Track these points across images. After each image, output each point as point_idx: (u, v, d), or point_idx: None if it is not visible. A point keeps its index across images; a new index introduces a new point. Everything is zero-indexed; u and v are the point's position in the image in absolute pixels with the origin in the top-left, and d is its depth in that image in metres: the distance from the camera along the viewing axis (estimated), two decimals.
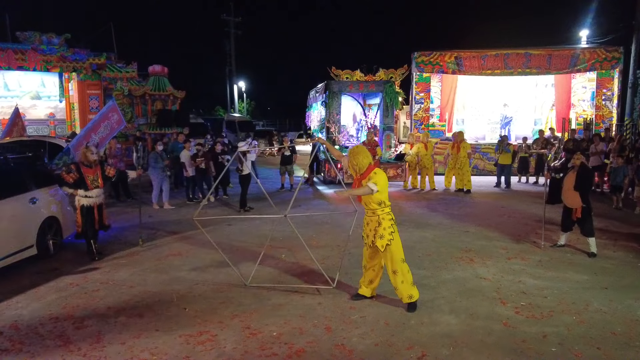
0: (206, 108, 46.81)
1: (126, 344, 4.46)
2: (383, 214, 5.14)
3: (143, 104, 17.81)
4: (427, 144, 13.55)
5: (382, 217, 5.13)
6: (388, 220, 5.14)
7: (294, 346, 4.40)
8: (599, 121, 16.56)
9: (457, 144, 13.26)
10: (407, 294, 5.13)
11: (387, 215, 5.15)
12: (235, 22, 40.20)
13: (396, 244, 5.12)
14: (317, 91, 17.39)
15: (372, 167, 5.20)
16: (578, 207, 7.15)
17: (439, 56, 16.96)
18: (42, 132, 18.91)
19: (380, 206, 5.13)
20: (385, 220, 5.13)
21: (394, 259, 5.11)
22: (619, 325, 4.84)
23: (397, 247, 5.13)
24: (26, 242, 6.69)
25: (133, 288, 5.92)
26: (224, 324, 4.87)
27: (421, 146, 13.48)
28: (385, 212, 5.15)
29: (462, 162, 13.10)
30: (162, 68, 17.90)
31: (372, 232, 5.16)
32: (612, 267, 6.67)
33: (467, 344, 4.44)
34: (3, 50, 17.30)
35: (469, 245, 7.73)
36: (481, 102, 18.42)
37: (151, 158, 11.03)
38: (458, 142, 13.25)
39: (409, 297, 5.14)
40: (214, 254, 7.31)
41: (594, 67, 16.51)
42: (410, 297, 5.14)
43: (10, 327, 4.84)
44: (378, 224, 5.12)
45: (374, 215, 5.16)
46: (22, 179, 7.11)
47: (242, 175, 10.82)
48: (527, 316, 5.03)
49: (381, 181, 5.06)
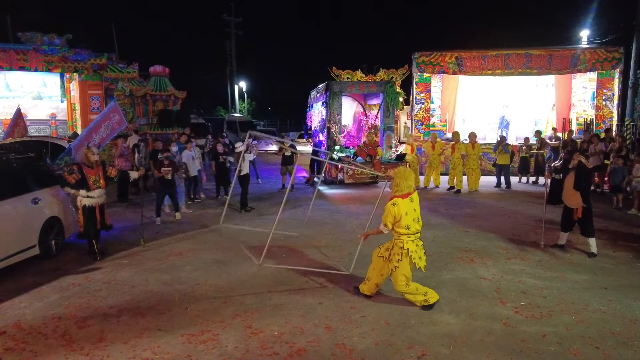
0: (207, 108, 46.83)
1: (129, 344, 4.50)
2: (398, 239, 5.23)
3: (144, 104, 17.81)
4: (434, 144, 14.00)
5: (396, 242, 5.26)
6: (399, 248, 5.22)
7: (295, 345, 4.43)
8: (599, 121, 16.58)
9: (454, 144, 13.71)
10: (420, 300, 5.27)
11: (399, 242, 5.21)
12: (236, 23, 40.25)
13: (401, 270, 5.21)
14: (317, 91, 17.41)
15: (407, 195, 5.25)
16: (579, 207, 7.18)
17: (440, 56, 17.00)
18: (44, 132, 18.94)
19: (401, 230, 5.19)
20: (397, 246, 5.23)
21: (397, 282, 5.26)
22: (617, 324, 4.87)
23: (400, 273, 5.22)
24: (29, 242, 6.72)
25: (135, 288, 5.95)
26: (225, 324, 4.90)
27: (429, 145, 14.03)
28: (401, 238, 5.20)
29: (456, 162, 13.53)
30: (163, 68, 17.91)
31: (388, 252, 5.34)
32: (611, 267, 6.70)
33: (466, 343, 4.47)
34: (5, 50, 17.34)
35: (469, 246, 7.76)
36: (481, 102, 18.44)
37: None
38: (454, 143, 13.73)
39: (423, 302, 5.26)
40: (215, 254, 7.35)
41: (594, 67, 16.52)
42: (425, 301, 5.26)
43: (14, 327, 4.87)
44: (393, 245, 5.31)
45: (393, 236, 5.32)
46: (24, 179, 7.14)
47: (240, 175, 10.70)
48: (526, 316, 5.07)
49: (399, 211, 5.14)
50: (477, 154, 13.57)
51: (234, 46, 40.90)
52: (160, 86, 17.77)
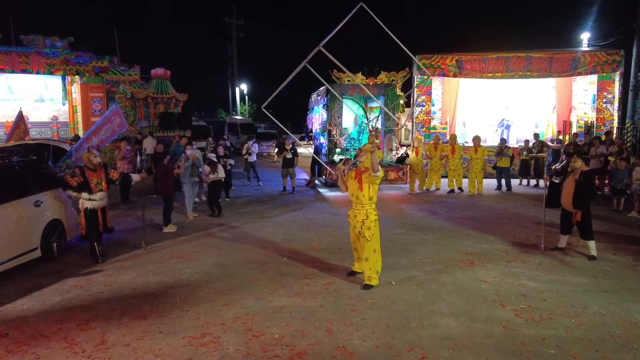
0: (208, 111, 46.88)
1: (130, 346, 4.52)
2: (371, 208, 5.87)
3: (145, 107, 17.90)
4: (417, 149, 14.01)
5: (370, 211, 5.85)
6: (374, 215, 5.89)
7: (296, 348, 4.45)
8: (600, 124, 16.60)
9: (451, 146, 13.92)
10: (367, 276, 5.93)
11: (373, 210, 5.90)
12: (237, 25, 40.32)
13: (376, 237, 5.93)
14: (318, 94, 17.45)
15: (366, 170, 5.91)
16: (578, 211, 7.19)
17: (440, 59, 17.04)
18: (46, 135, 19.02)
19: (370, 201, 5.85)
20: (372, 214, 5.87)
21: (369, 247, 5.86)
22: (617, 327, 4.88)
23: (376, 239, 5.93)
24: (30, 244, 6.76)
25: (136, 290, 5.98)
26: (226, 326, 4.92)
27: (431, 147, 14.00)
28: (373, 207, 5.90)
29: (456, 164, 13.75)
30: (165, 71, 18.00)
31: (360, 224, 5.87)
32: (611, 270, 6.71)
33: (466, 346, 4.49)
34: (7, 53, 17.43)
35: (470, 249, 7.77)
36: (482, 105, 18.47)
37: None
38: (452, 145, 13.95)
39: (369, 279, 5.92)
40: (216, 257, 7.37)
41: (594, 70, 16.55)
42: (370, 280, 5.91)
43: (16, 329, 4.90)
44: (366, 216, 5.84)
45: (362, 208, 5.86)
46: (26, 181, 7.17)
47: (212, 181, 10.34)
48: (526, 319, 5.08)
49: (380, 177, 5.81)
50: (481, 158, 13.52)
51: (235, 48, 40.96)
52: (162, 89, 17.85)
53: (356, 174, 5.89)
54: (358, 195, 5.85)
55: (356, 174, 5.89)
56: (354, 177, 5.91)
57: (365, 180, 5.78)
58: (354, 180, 5.91)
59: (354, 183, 5.89)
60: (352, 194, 5.93)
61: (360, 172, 5.85)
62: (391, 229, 8.96)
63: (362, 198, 5.82)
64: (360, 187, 5.82)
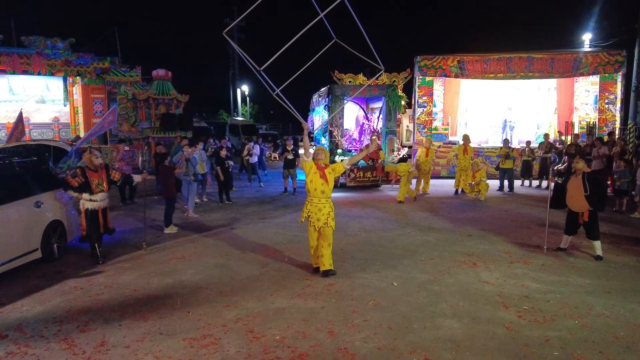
0: (210, 112, 46.94)
1: (130, 347, 4.49)
2: (331, 201, 6.40)
3: (147, 108, 17.89)
4: (428, 150, 13.60)
5: (331, 204, 6.39)
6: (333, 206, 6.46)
7: (297, 350, 4.42)
8: (602, 125, 16.56)
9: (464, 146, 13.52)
10: (329, 263, 6.33)
11: (331, 202, 6.42)
12: (239, 26, 40.35)
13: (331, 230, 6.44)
14: (320, 95, 17.43)
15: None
16: (585, 211, 7.15)
17: (442, 60, 17.02)
18: (47, 136, 19.02)
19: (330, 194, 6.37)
20: (332, 206, 6.41)
21: (330, 237, 6.34)
22: (621, 329, 4.84)
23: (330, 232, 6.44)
24: (31, 245, 6.74)
25: (137, 291, 5.95)
26: (227, 328, 4.89)
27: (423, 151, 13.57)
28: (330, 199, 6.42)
29: (467, 164, 13.32)
30: (166, 72, 17.99)
31: (326, 216, 6.26)
32: (615, 271, 6.66)
33: (469, 348, 4.45)
34: (8, 54, 17.44)
35: (472, 249, 7.73)
36: (484, 105, 18.45)
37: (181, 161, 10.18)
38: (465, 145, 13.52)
39: (330, 265, 6.34)
40: (217, 258, 7.35)
41: (596, 70, 16.52)
42: (330, 265, 6.35)
43: (16, 330, 4.87)
44: (331, 209, 6.36)
45: (327, 202, 6.32)
46: (27, 182, 7.16)
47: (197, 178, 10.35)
48: (529, 320, 5.04)
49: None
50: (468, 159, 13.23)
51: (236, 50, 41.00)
52: (163, 90, 17.84)
53: (318, 169, 6.31)
54: (324, 189, 6.31)
55: (318, 170, 6.31)
56: (319, 175, 6.28)
57: (329, 175, 6.35)
58: (318, 176, 6.30)
59: (319, 179, 6.29)
60: (317, 189, 6.30)
61: (321, 168, 6.33)
62: (393, 230, 8.91)
63: (327, 192, 6.32)
64: (327, 181, 6.30)
